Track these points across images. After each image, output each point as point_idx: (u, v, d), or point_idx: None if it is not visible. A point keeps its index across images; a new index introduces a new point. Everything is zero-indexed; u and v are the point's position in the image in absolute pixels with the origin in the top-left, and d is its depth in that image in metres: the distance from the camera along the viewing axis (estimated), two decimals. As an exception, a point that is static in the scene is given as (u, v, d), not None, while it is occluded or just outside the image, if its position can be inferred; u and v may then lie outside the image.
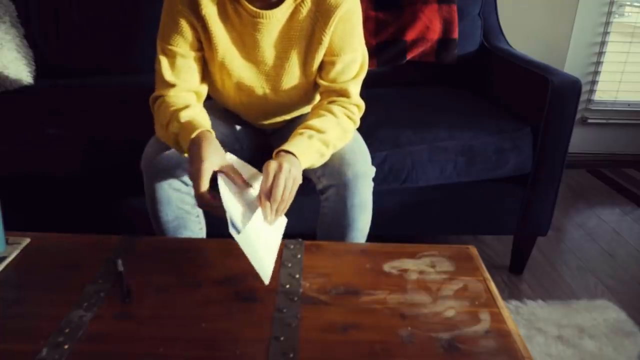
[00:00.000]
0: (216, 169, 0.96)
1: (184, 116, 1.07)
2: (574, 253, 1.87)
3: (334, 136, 1.12)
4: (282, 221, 1.02)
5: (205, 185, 0.94)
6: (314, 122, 1.12)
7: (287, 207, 0.97)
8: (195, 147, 0.99)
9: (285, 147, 1.05)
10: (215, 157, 0.97)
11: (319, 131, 1.10)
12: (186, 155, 1.04)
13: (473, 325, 0.77)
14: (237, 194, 0.96)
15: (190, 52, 1.14)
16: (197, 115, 1.08)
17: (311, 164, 1.09)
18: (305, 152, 1.06)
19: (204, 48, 1.16)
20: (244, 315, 0.78)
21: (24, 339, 0.73)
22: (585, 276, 1.73)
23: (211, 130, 1.05)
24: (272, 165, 0.97)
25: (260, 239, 0.90)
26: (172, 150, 1.12)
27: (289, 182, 0.97)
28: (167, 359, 0.70)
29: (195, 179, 0.95)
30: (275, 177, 0.95)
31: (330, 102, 1.18)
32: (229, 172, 0.97)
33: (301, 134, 1.09)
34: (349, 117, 1.17)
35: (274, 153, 1.06)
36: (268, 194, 0.94)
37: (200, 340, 0.73)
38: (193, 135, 1.01)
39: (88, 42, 1.84)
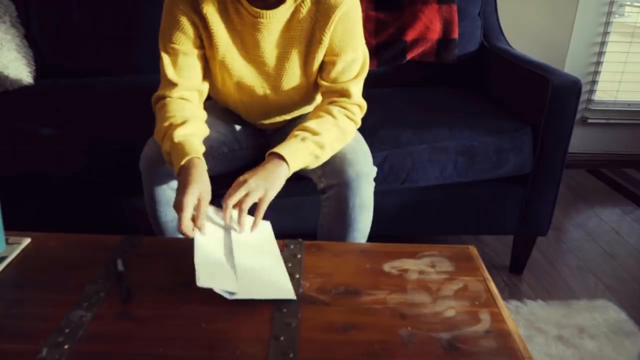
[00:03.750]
0: (195, 200, 0.95)
1: (178, 135, 1.06)
2: (574, 253, 1.87)
3: (330, 138, 1.11)
4: (266, 227, 1.01)
5: (187, 218, 0.93)
6: (309, 123, 1.12)
7: (244, 216, 0.98)
8: (182, 177, 1.00)
9: (277, 149, 1.06)
10: (197, 186, 0.97)
11: (313, 133, 1.10)
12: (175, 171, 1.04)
13: (473, 325, 0.77)
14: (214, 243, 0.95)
15: (192, 50, 1.14)
16: (191, 135, 1.08)
17: (305, 166, 1.09)
18: (297, 154, 1.07)
19: (205, 46, 1.16)
20: (244, 315, 0.78)
21: (24, 339, 0.73)
22: (585, 276, 1.73)
23: (201, 157, 1.04)
24: (239, 179, 1.01)
25: (258, 269, 0.88)
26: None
27: (249, 196, 0.99)
28: (167, 359, 0.70)
29: (178, 211, 0.94)
30: (234, 187, 0.99)
31: (330, 103, 1.18)
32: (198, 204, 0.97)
33: (295, 136, 1.10)
34: (349, 117, 1.17)
35: (266, 154, 1.07)
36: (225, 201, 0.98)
37: (200, 340, 0.73)
38: (182, 162, 1.01)
39: (88, 42, 1.84)
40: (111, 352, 0.71)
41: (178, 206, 0.94)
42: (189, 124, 1.09)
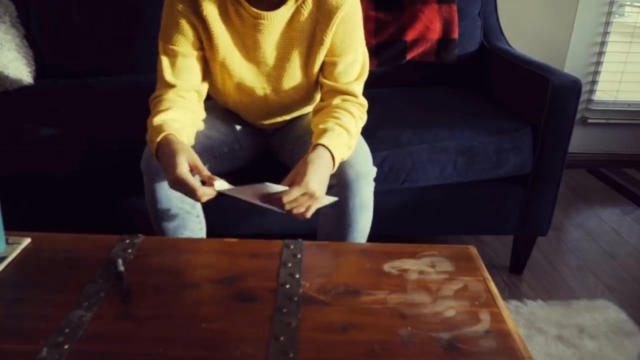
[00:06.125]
0: (187, 167, 0.98)
1: (157, 120, 1.07)
2: (574, 253, 1.87)
3: (354, 141, 1.13)
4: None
5: (197, 187, 0.95)
6: (345, 122, 1.11)
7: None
8: (162, 158, 1.01)
9: (332, 150, 1.05)
10: (182, 155, 0.98)
11: (350, 136, 1.11)
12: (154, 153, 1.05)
13: (473, 325, 0.77)
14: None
15: (192, 52, 1.14)
16: (172, 120, 1.08)
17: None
18: (339, 159, 1.07)
19: (205, 48, 1.16)
20: (244, 315, 0.78)
21: (24, 339, 0.73)
22: (585, 276, 1.73)
23: (175, 134, 1.04)
24: (310, 187, 0.98)
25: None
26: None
27: (310, 210, 1.00)
28: (167, 359, 0.70)
29: (181, 188, 0.97)
30: (304, 200, 0.98)
31: (345, 101, 1.17)
32: (196, 168, 0.99)
33: (339, 134, 1.08)
34: (362, 118, 1.18)
35: (314, 145, 1.05)
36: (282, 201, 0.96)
37: (200, 340, 0.73)
38: (158, 139, 1.02)
39: (88, 42, 1.84)
40: (111, 352, 0.71)
41: (176, 183, 0.95)
42: (171, 111, 1.09)
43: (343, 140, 1.08)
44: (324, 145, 1.04)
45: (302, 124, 1.30)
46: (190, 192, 0.96)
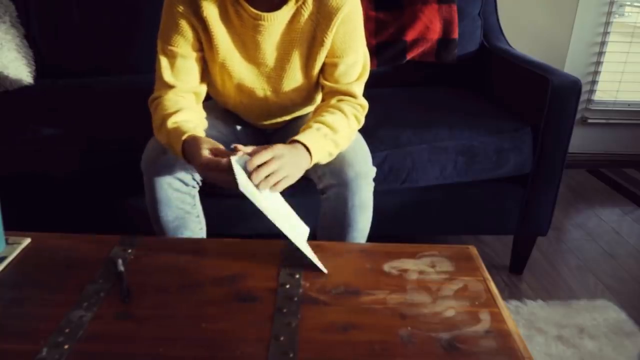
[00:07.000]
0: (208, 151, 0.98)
1: (171, 122, 1.07)
2: (574, 253, 1.87)
3: (343, 136, 1.12)
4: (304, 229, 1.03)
5: (206, 154, 0.96)
6: (327, 118, 1.10)
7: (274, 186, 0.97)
8: (188, 155, 1.02)
9: (305, 141, 1.04)
10: (204, 146, 0.99)
11: (333, 130, 1.09)
12: (180, 155, 1.05)
13: (473, 325, 0.77)
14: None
15: (191, 53, 1.14)
16: (185, 121, 1.09)
17: (318, 162, 1.09)
18: (319, 150, 1.06)
19: (205, 49, 1.15)
20: (244, 315, 0.78)
21: (24, 339, 0.73)
22: (585, 276, 1.73)
23: (196, 134, 1.05)
24: (274, 150, 0.97)
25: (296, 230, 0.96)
26: (172, 150, 1.12)
27: (276, 175, 0.96)
28: (167, 359, 0.70)
29: (210, 171, 0.97)
30: (271, 161, 0.96)
31: (340, 101, 1.17)
32: (215, 150, 1.00)
33: (318, 129, 1.08)
34: (356, 117, 1.17)
35: (289, 140, 1.05)
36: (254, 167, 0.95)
37: (200, 340, 0.73)
38: (184, 137, 1.03)
39: (88, 42, 1.84)
40: (111, 352, 0.71)
41: (205, 170, 0.96)
42: (182, 112, 1.10)
43: (322, 132, 1.07)
44: (296, 140, 1.04)
45: (303, 124, 1.30)
46: (220, 168, 0.95)
